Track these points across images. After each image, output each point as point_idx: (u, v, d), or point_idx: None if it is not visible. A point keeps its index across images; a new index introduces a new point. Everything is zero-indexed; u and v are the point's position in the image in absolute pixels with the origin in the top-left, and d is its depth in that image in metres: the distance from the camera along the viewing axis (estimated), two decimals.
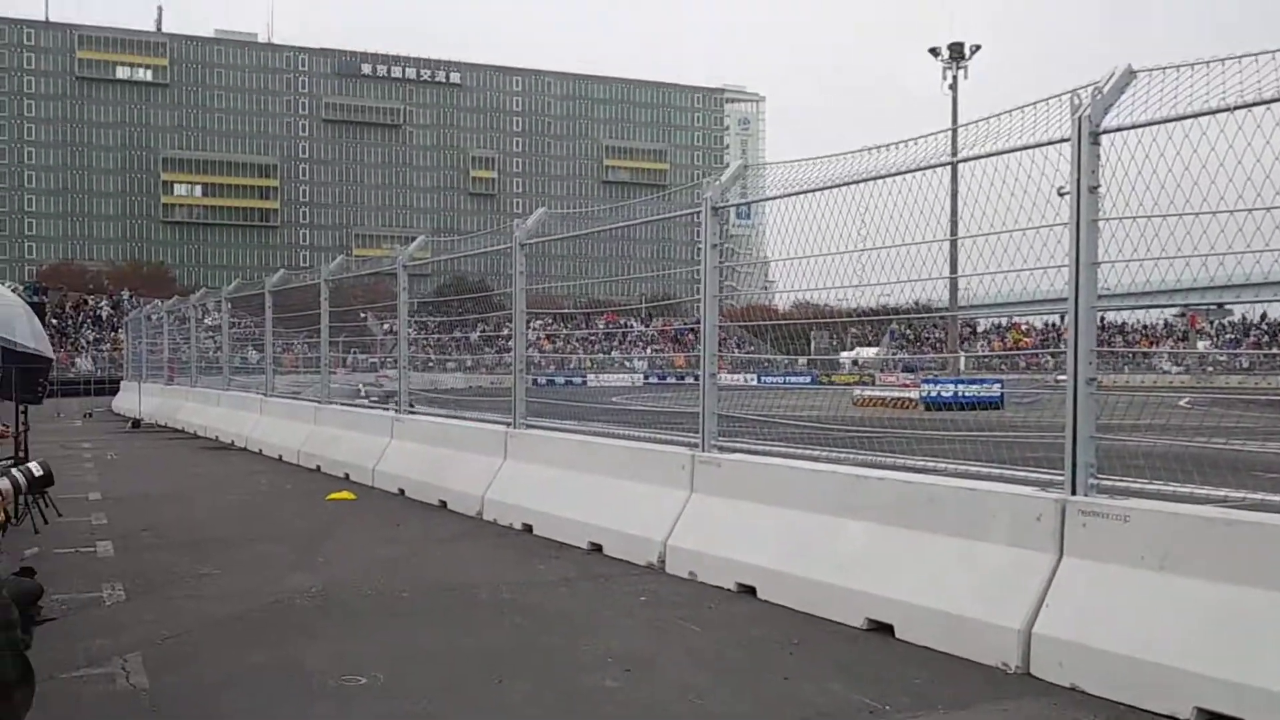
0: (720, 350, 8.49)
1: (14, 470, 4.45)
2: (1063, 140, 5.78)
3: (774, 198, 8.16)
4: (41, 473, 4.51)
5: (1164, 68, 5.40)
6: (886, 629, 6.21)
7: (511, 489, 10.41)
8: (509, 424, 10.98)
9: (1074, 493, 5.66)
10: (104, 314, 68.60)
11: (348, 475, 14.03)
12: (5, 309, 7.42)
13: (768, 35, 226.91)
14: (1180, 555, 5.08)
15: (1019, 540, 5.80)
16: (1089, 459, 5.66)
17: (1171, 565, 5.10)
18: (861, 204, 7.50)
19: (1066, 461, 5.72)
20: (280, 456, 16.91)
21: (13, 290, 11.49)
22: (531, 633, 6.42)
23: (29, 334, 7.62)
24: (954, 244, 7.80)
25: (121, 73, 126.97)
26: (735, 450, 8.23)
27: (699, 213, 8.52)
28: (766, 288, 10.14)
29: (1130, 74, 5.55)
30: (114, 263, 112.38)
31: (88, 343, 61.53)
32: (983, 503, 6.05)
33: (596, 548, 8.80)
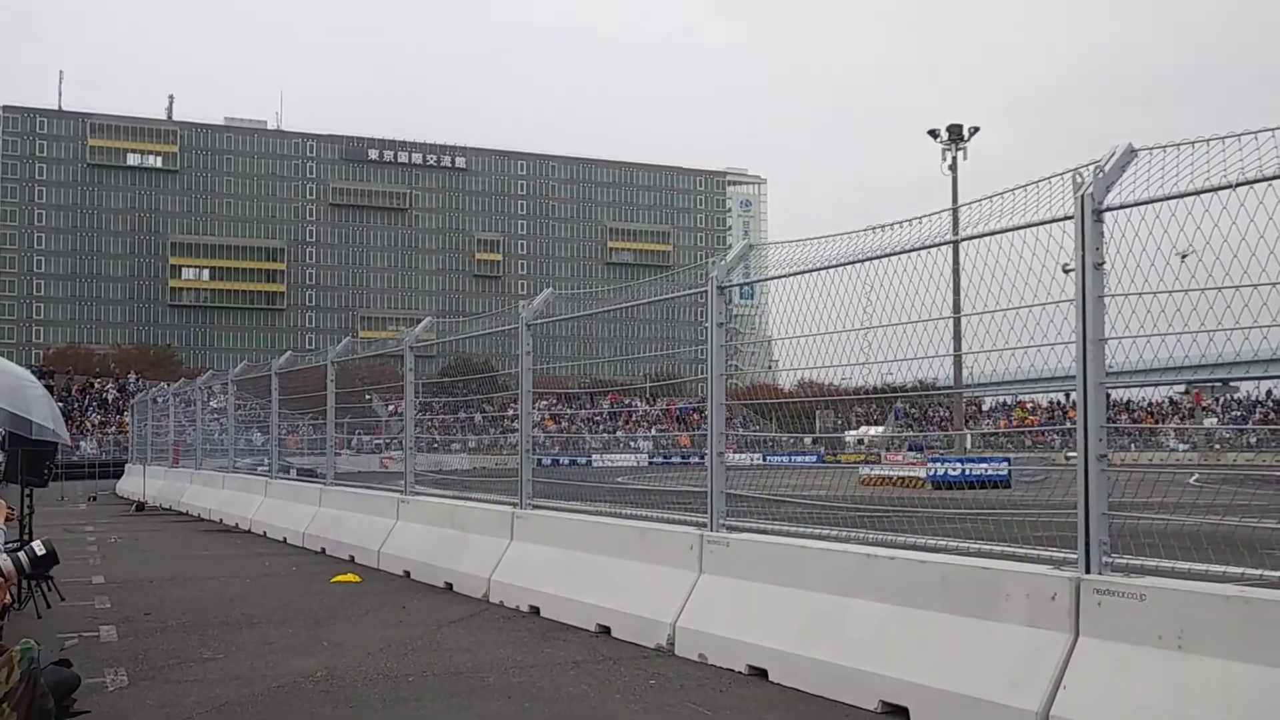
0: (726, 429, 8.48)
1: (18, 553, 4.42)
2: (1066, 218, 5.83)
3: (778, 276, 8.21)
4: (44, 552, 4.48)
5: (1164, 146, 5.47)
6: (901, 711, 6.11)
7: (518, 571, 10.32)
8: (515, 505, 10.92)
9: (1088, 571, 5.60)
10: (110, 397, 68.72)
11: (352, 557, 13.93)
12: (27, 388, 7.45)
13: (769, 119, 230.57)
14: (1198, 634, 5.01)
15: (1034, 620, 5.72)
16: (1102, 536, 5.61)
17: (1190, 644, 5.03)
18: (865, 283, 7.55)
19: (1079, 539, 5.67)
20: (285, 539, 16.81)
21: None
22: (540, 718, 6.31)
23: (48, 416, 7.63)
24: (958, 321, 7.83)
25: (132, 159, 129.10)
26: (744, 530, 8.18)
27: (704, 292, 8.57)
28: (771, 367, 10.16)
29: (1131, 152, 5.63)
30: (121, 346, 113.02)
31: (93, 426, 61.55)
32: (996, 582, 5.98)
33: (605, 630, 8.69)
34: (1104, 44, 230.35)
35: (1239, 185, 5.03)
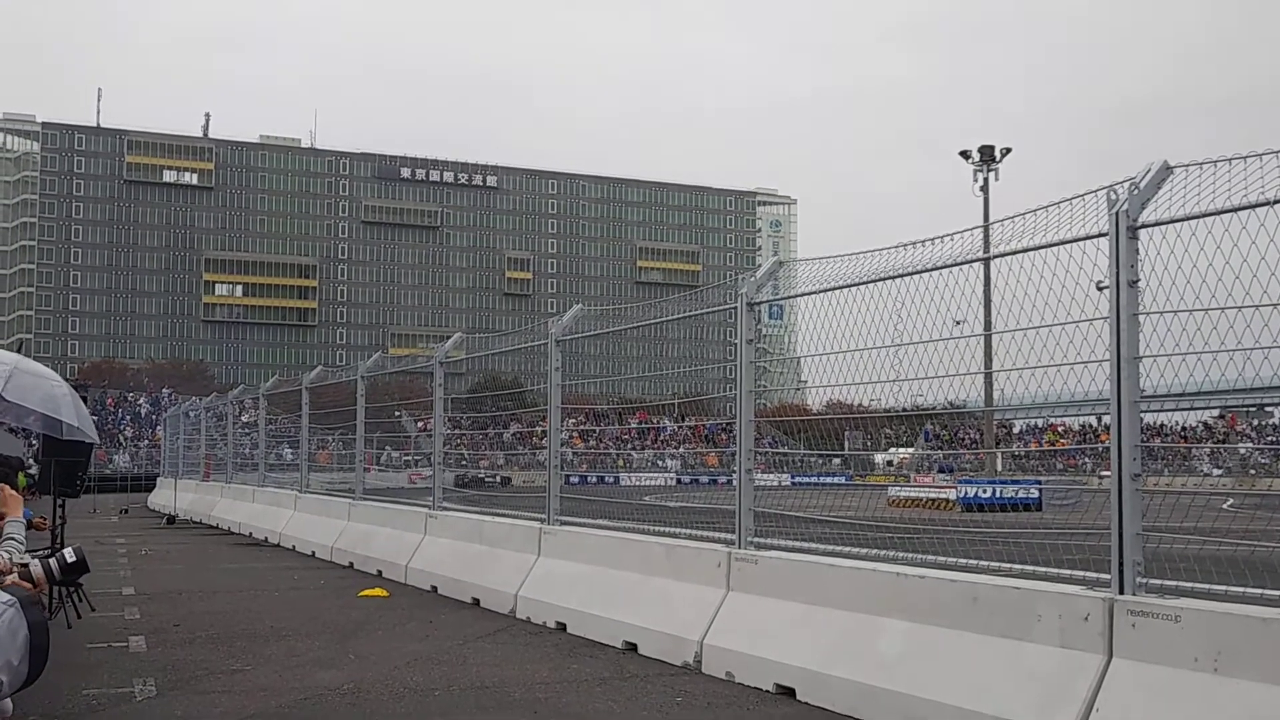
0: (755, 447, 8.44)
1: (49, 559, 4.43)
2: (1101, 235, 5.78)
3: (809, 293, 8.18)
4: (75, 559, 4.49)
5: (1200, 163, 5.42)
6: None
7: (545, 587, 10.30)
8: (543, 520, 10.92)
9: (1122, 592, 5.52)
10: (143, 411, 69.37)
11: (380, 572, 13.96)
12: (52, 387, 7.48)
13: (800, 139, 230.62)
14: (1234, 657, 4.92)
15: (1067, 641, 5.64)
16: (1136, 557, 5.53)
17: (1225, 667, 4.94)
18: (896, 301, 7.50)
19: (1113, 560, 5.60)
20: (313, 553, 16.88)
21: None
22: None
23: (74, 415, 7.66)
24: (988, 339, 7.77)
25: (168, 176, 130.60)
26: (772, 548, 8.12)
27: (734, 309, 8.55)
28: (799, 387, 10.12)
29: (1167, 169, 5.58)
30: (154, 360, 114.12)
31: (126, 439, 62.13)
32: (1028, 602, 5.91)
33: (631, 647, 8.66)
34: (1144, 61, 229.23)
35: (1276, 203, 4.97)
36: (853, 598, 7.02)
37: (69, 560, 4.51)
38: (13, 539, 4.45)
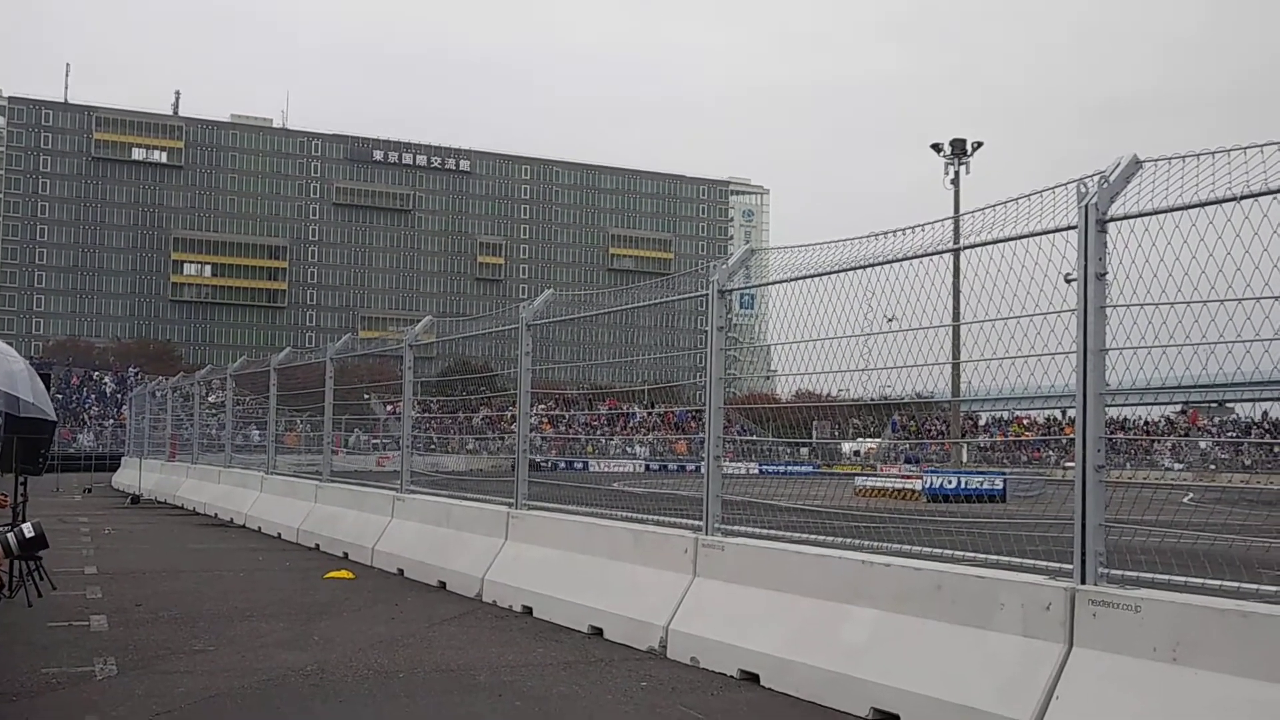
0: (724, 435, 8.46)
1: (7, 534, 4.37)
2: (1069, 228, 5.82)
3: (780, 281, 8.19)
4: (34, 534, 4.43)
5: (1169, 158, 5.46)
6: (892, 718, 6.08)
7: (512, 571, 10.29)
8: (510, 505, 10.90)
9: (1084, 581, 5.58)
10: (108, 390, 68.68)
11: (346, 554, 13.91)
12: (9, 363, 7.38)
13: (773, 129, 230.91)
14: (1193, 647, 4.98)
15: (1028, 630, 5.70)
16: (1098, 547, 5.59)
17: (1184, 657, 5.00)
18: (866, 290, 7.53)
19: (1076, 550, 5.65)
20: (279, 535, 16.78)
21: None
22: (530, 717, 6.28)
23: (30, 392, 7.57)
24: (956, 330, 7.81)
25: (137, 154, 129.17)
26: (740, 534, 8.15)
27: (705, 296, 8.56)
28: (769, 376, 10.15)
29: (1136, 163, 5.61)
30: (121, 340, 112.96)
31: (90, 418, 61.50)
32: (991, 591, 5.96)
33: (597, 631, 8.67)
34: (1115, 56, 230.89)
35: (1244, 198, 5.02)
36: (818, 585, 7.06)
37: (27, 535, 4.47)
38: None
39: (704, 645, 7.63)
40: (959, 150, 48.23)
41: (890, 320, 7.62)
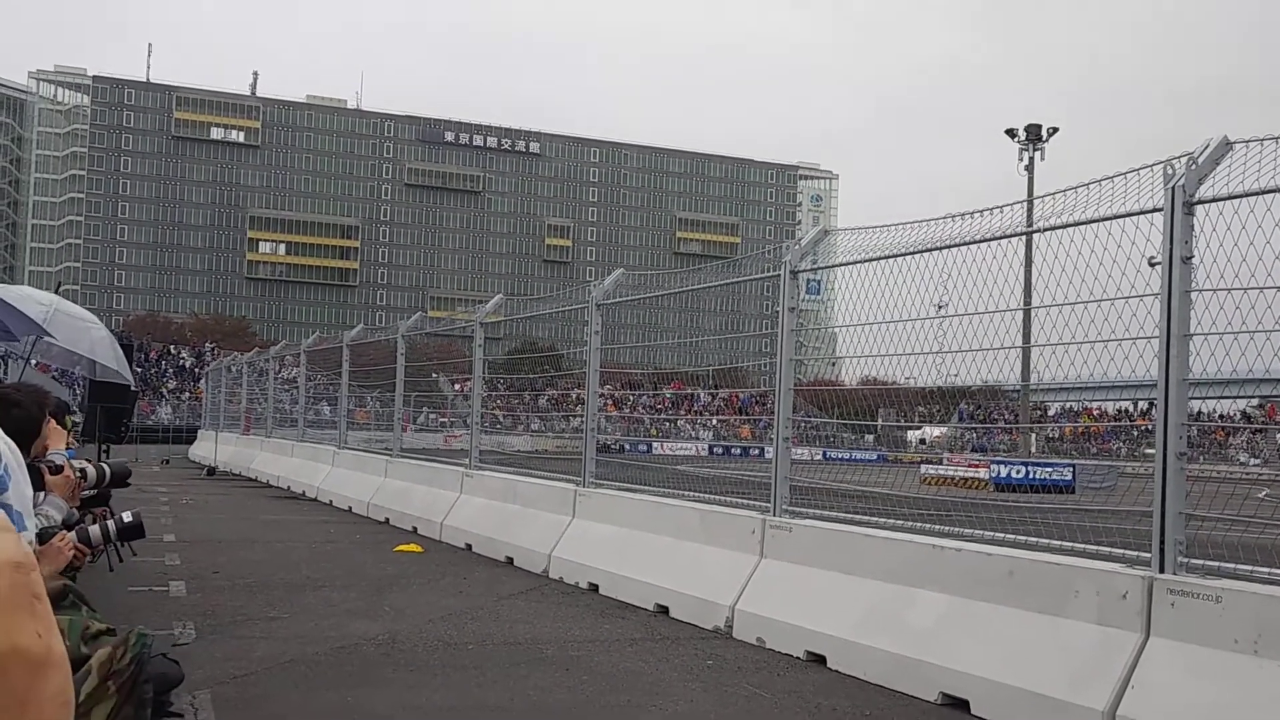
0: (792, 416, 8.42)
1: (108, 521, 4.48)
2: (1155, 210, 5.70)
3: (852, 263, 8.12)
4: (133, 521, 4.55)
5: (1261, 139, 5.31)
6: (962, 704, 6.03)
7: (579, 548, 10.36)
8: (578, 483, 10.97)
9: (1162, 570, 5.48)
10: (186, 364, 70.24)
11: (415, 529, 14.10)
12: (91, 329, 7.58)
13: (844, 113, 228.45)
14: (1276, 639, 4.87)
15: (1103, 618, 5.61)
16: (1178, 536, 5.48)
17: (1267, 649, 4.89)
18: (939, 273, 7.44)
19: (1154, 538, 5.55)
20: (350, 508, 17.07)
21: None
22: (596, 691, 6.33)
23: (113, 359, 7.77)
24: (1027, 315, 7.68)
25: (216, 133, 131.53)
26: (807, 516, 8.12)
27: (777, 276, 8.52)
28: (835, 360, 10.08)
29: (1226, 145, 5.47)
30: (198, 315, 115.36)
31: (169, 391, 62.95)
32: (1066, 578, 5.88)
33: (663, 610, 8.70)
34: (1198, 42, 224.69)
35: None
36: (887, 568, 7.01)
37: (126, 522, 4.56)
38: (49, 506, 4.48)
39: (770, 626, 7.62)
40: (1034, 136, 47.29)
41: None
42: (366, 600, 9.02)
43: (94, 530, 4.46)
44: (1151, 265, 5.81)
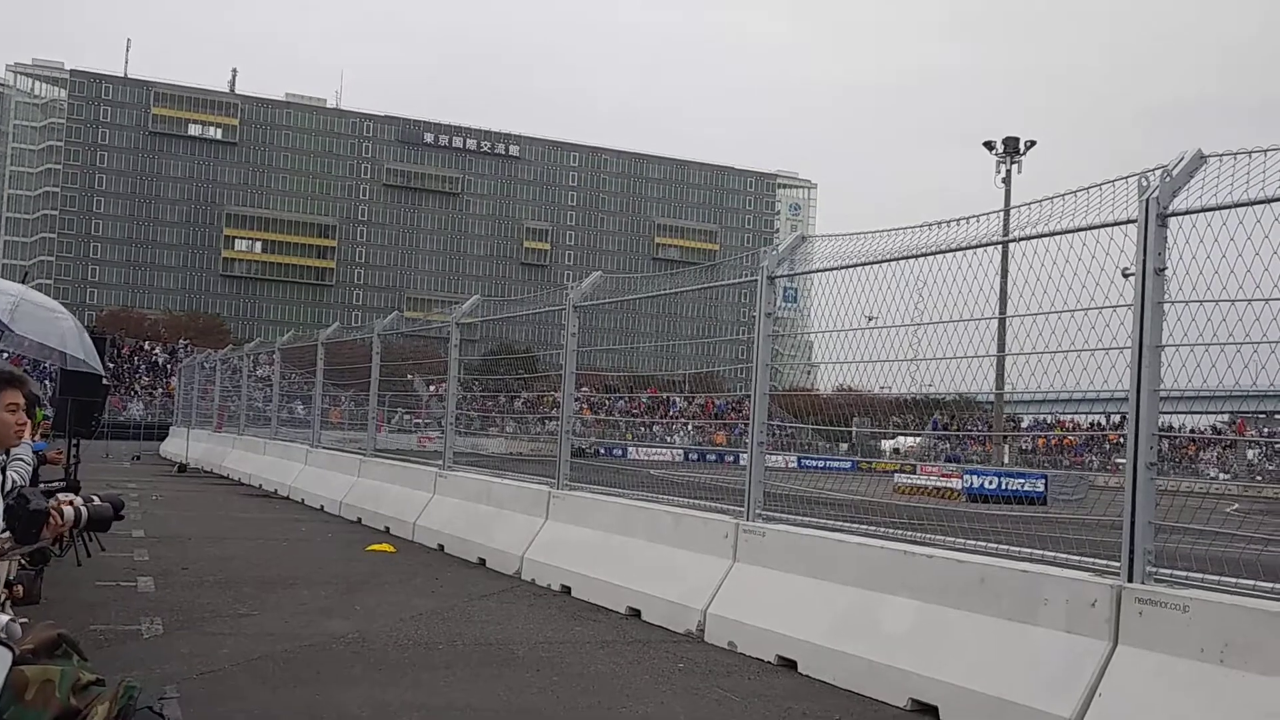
0: (767, 421, 8.43)
1: (91, 502, 4.36)
2: (1129, 222, 5.74)
3: (828, 269, 8.15)
4: (116, 515, 4.43)
5: (1235, 153, 5.37)
6: (930, 711, 6.06)
7: (552, 550, 10.34)
8: (552, 485, 10.95)
9: (1131, 580, 5.52)
10: (159, 361, 69.69)
11: (388, 528, 14.04)
12: (59, 319, 7.48)
13: (822, 122, 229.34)
14: (1243, 649, 4.91)
15: (1072, 626, 5.64)
16: (1148, 545, 5.52)
17: (1232, 659, 4.93)
18: (915, 281, 7.47)
19: (1124, 547, 5.59)
20: (322, 507, 16.98)
21: None
22: (567, 693, 6.32)
23: (80, 349, 7.67)
24: (1002, 325, 7.73)
25: (193, 130, 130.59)
26: (781, 521, 8.14)
27: (754, 282, 8.54)
28: (811, 366, 10.12)
29: (1201, 158, 5.53)
30: (172, 312, 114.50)
31: (141, 387, 62.45)
32: (1036, 586, 5.91)
33: (635, 613, 8.69)
34: (1186, 62, 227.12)
35: None
36: (859, 574, 7.03)
37: (98, 505, 4.44)
38: (20, 459, 4.44)
39: (742, 630, 7.63)
40: (1011, 148, 47.62)
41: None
42: (337, 599, 8.98)
43: (67, 511, 4.36)
44: (1125, 276, 5.86)
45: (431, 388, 18.79)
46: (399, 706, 5.81)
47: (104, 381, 10.28)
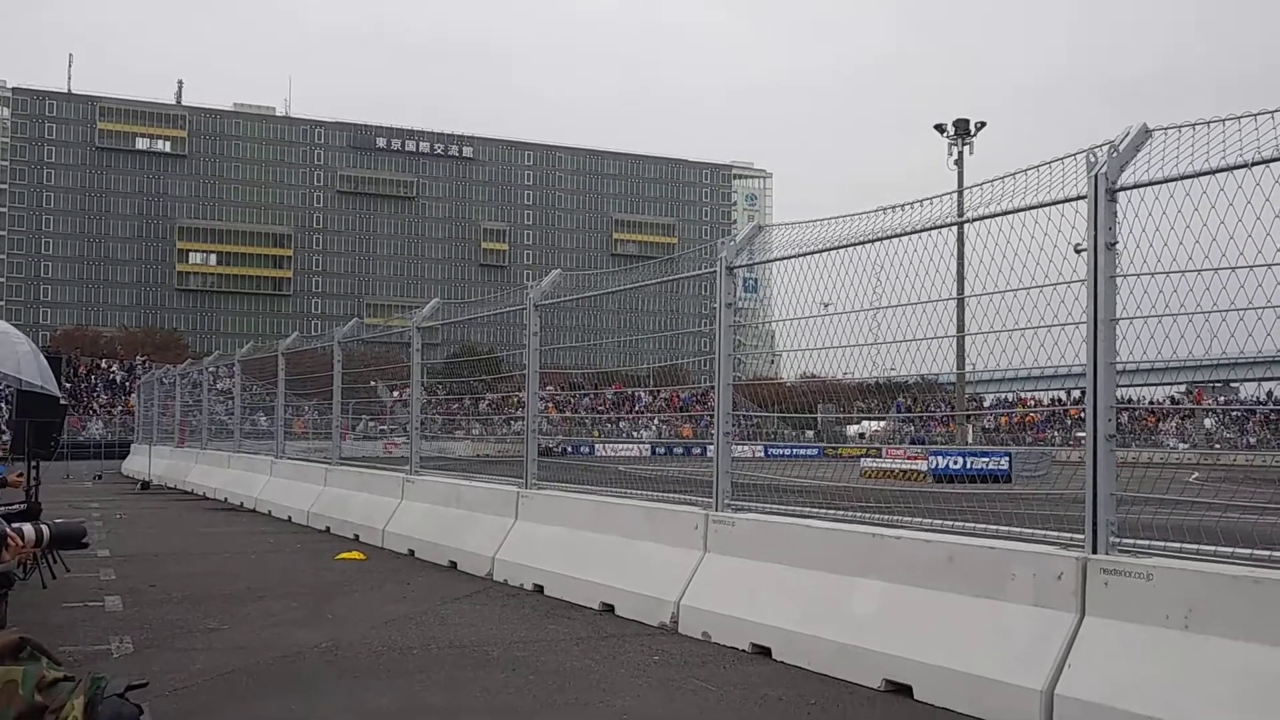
0: (731, 412, 8.47)
1: (43, 524, 4.31)
2: (1079, 198, 5.82)
3: (786, 257, 8.20)
4: (79, 536, 4.37)
5: (1179, 126, 5.45)
6: (905, 690, 6.12)
7: (523, 549, 10.34)
8: (520, 485, 10.94)
9: (1095, 551, 5.60)
10: (116, 378, 68.83)
11: (357, 536, 13.96)
12: (15, 344, 7.37)
13: (776, 113, 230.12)
14: (1206, 614, 5.01)
15: (1040, 600, 5.72)
16: (1110, 517, 5.61)
17: (1196, 624, 5.03)
18: (873, 266, 7.53)
19: (1087, 520, 5.67)
20: (289, 518, 16.85)
21: None
22: (544, 691, 6.32)
23: (37, 374, 7.57)
24: (961, 305, 7.79)
25: (141, 143, 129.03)
26: (750, 510, 8.18)
27: (714, 273, 8.57)
28: (774, 356, 10.16)
29: (1146, 132, 5.61)
30: (128, 329, 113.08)
31: (100, 406, 61.67)
32: (1003, 562, 5.98)
33: (609, 608, 8.71)
34: (1116, 34, 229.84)
35: (1255, 164, 5.02)
36: (829, 559, 7.09)
37: (60, 524, 4.39)
38: None
39: (715, 620, 7.66)
40: (962, 130, 48.05)
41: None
42: (308, 609, 8.92)
43: (29, 533, 4.31)
44: (1078, 252, 5.93)
45: (395, 393, 18.70)
46: (375, 712, 5.79)
47: (61, 402, 10.14)
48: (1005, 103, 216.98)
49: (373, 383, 18.57)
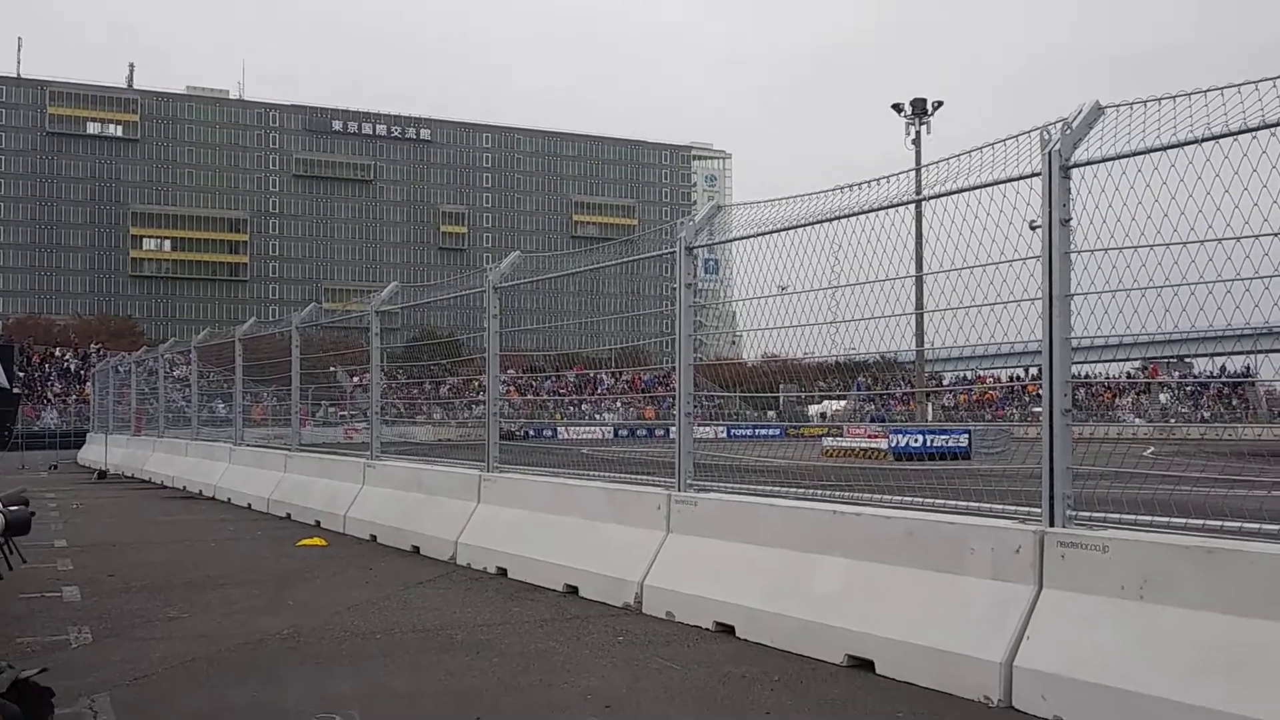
0: (693, 391, 8.48)
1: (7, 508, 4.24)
2: (1034, 175, 5.87)
3: (745, 237, 8.21)
4: (24, 518, 4.32)
5: (1131, 103, 5.51)
6: (867, 665, 6.17)
7: (485, 533, 10.32)
8: (483, 468, 10.91)
9: (1052, 525, 5.67)
10: (71, 367, 67.86)
11: (319, 522, 13.88)
12: None
13: (735, 94, 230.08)
14: (1160, 584, 5.09)
15: (998, 573, 5.79)
16: (1066, 490, 5.68)
17: (1152, 594, 5.11)
18: (832, 245, 7.57)
19: (1044, 493, 5.74)
20: (249, 505, 16.72)
21: None
22: (508, 673, 6.32)
23: None
24: (919, 283, 7.85)
25: (92, 128, 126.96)
26: (712, 490, 8.21)
27: (673, 253, 8.56)
28: (735, 341, 10.19)
29: (1099, 109, 5.66)
30: (81, 316, 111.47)
31: (54, 395, 60.79)
32: (961, 536, 6.05)
33: (572, 590, 8.72)
34: (1083, 18, 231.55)
35: (1205, 140, 5.08)
36: (790, 536, 7.13)
37: (14, 512, 4.35)
38: None
39: (679, 599, 7.69)
40: (919, 110, 48.31)
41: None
42: (269, 596, 8.86)
43: None
44: (1033, 229, 5.99)
45: (355, 379, 18.57)
46: (338, 698, 5.76)
47: (15, 392, 9.99)
48: (975, 88, 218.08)
49: (332, 368, 18.43)
